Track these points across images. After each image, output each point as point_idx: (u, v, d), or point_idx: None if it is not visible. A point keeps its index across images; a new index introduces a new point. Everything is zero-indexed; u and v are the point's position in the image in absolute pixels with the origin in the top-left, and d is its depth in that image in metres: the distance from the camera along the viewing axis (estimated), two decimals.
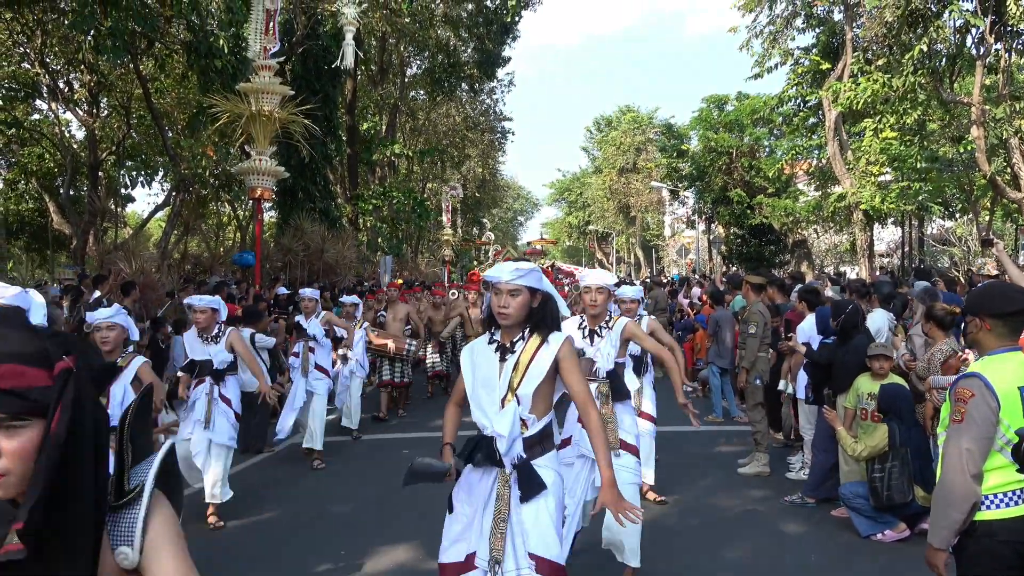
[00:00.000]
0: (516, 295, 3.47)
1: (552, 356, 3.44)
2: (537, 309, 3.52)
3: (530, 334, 3.53)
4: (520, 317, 3.50)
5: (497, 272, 3.51)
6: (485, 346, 3.62)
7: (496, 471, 3.48)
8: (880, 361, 6.83)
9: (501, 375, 3.49)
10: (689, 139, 42.04)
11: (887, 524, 6.39)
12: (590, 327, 5.49)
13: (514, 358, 3.49)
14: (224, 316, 7.49)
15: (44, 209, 28.36)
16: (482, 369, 3.55)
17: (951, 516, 3.16)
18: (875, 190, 23.47)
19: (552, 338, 3.48)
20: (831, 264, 37.16)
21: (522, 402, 3.45)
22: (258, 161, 14.23)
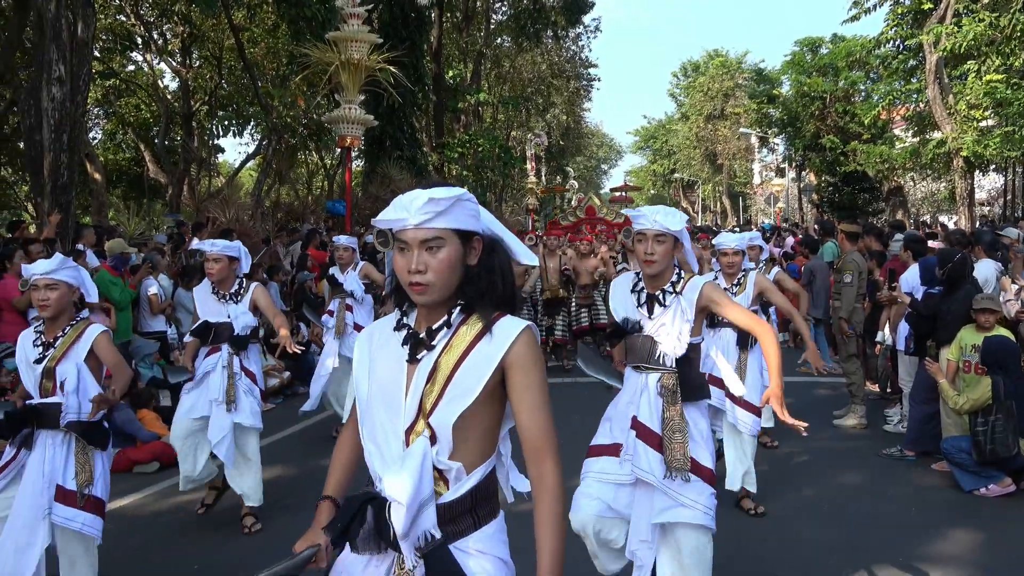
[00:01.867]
0: (436, 247, 2.03)
1: (497, 359, 2.03)
2: (476, 270, 2.09)
3: (461, 316, 2.10)
4: (442, 284, 2.04)
5: (402, 207, 2.04)
6: (390, 332, 2.19)
7: (391, 558, 2.07)
8: (986, 315, 6.60)
9: (409, 387, 2.07)
10: (780, 84, 40.89)
11: (991, 478, 6.24)
12: (648, 291, 3.86)
13: (431, 358, 2.07)
14: (247, 267, 5.94)
15: (140, 159, 29.22)
16: (380, 372, 2.15)
17: None
18: (977, 135, 22.51)
19: (500, 328, 2.07)
20: (928, 213, 35.97)
21: (439, 439, 2.03)
22: (347, 109, 14.35)
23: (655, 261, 3.59)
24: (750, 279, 5.90)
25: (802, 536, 5.47)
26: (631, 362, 3.91)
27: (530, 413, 2.04)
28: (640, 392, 3.81)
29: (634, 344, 3.86)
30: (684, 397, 3.75)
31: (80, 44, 11.83)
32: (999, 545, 5.35)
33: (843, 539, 5.40)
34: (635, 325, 3.83)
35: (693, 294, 3.74)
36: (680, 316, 3.73)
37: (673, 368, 3.75)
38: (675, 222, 3.71)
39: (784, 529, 5.57)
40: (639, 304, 3.84)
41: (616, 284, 4.05)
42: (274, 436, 8.29)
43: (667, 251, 3.64)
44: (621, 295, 3.96)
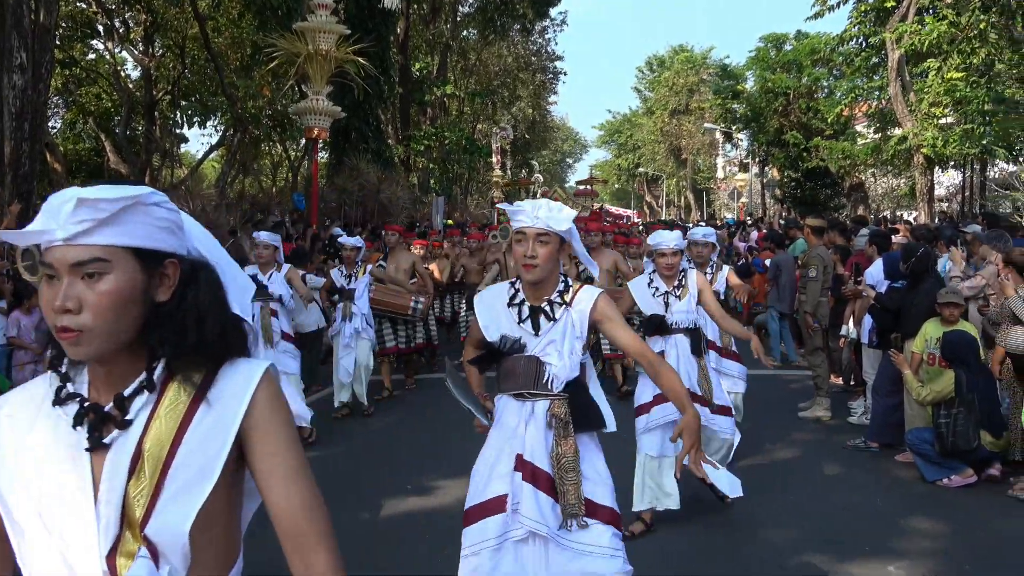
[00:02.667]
0: (97, 274, 1.37)
1: (232, 426, 1.43)
2: (167, 308, 1.43)
3: (165, 372, 1.45)
4: (104, 330, 1.37)
5: (50, 213, 1.38)
6: (39, 408, 1.46)
7: None
8: (950, 308, 6.72)
9: (99, 489, 1.39)
10: (744, 80, 41.20)
11: (953, 469, 6.35)
12: (530, 302, 3.31)
13: (127, 440, 1.40)
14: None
15: (101, 149, 28.79)
16: (36, 476, 1.40)
17: None
18: (937, 133, 22.86)
19: (226, 383, 1.47)
20: (888, 209, 36.45)
21: (165, 555, 1.39)
22: (315, 101, 14.29)
23: (536, 265, 3.09)
24: (690, 280, 5.58)
25: (769, 527, 5.54)
26: (510, 389, 3.27)
27: (284, 486, 1.45)
28: (524, 424, 3.23)
29: (514, 367, 3.25)
30: (578, 427, 3.21)
31: (42, 31, 11.65)
32: (961, 534, 5.45)
33: (810, 529, 5.48)
34: (515, 344, 3.22)
35: (586, 305, 3.20)
36: (571, 331, 3.19)
37: (563, 394, 3.21)
38: (561, 220, 3.15)
39: (751, 520, 5.64)
40: (520, 319, 3.23)
41: (483, 297, 3.42)
42: None
43: (551, 254, 3.15)
44: (492, 309, 3.32)
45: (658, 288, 5.52)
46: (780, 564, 4.94)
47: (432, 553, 5.14)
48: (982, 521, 5.67)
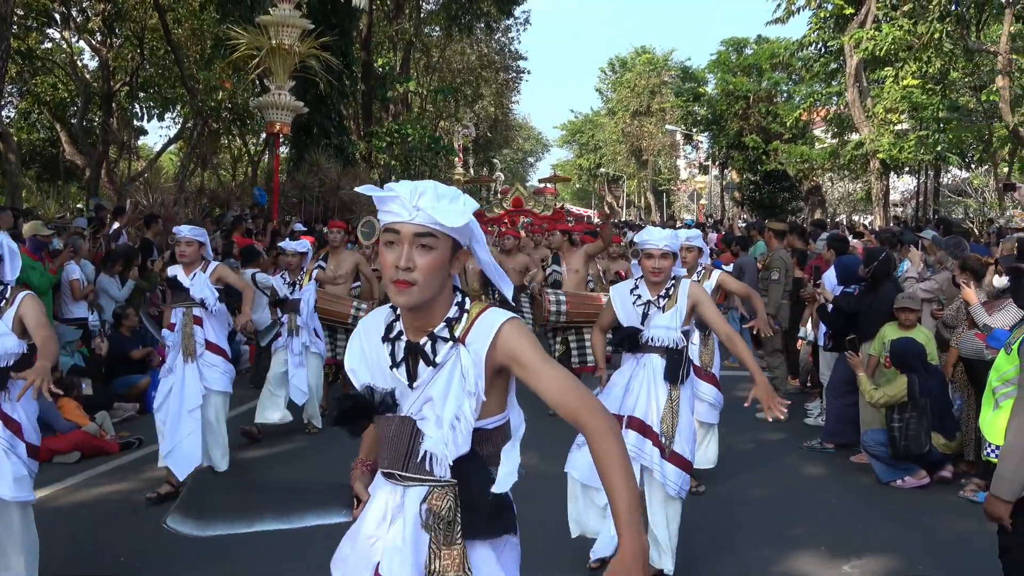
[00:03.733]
0: None
1: None
2: None
3: None
4: None
5: None
6: None
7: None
8: (906, 313, 6.85)
9: None
10: (705, 82, 41.57)
11: (907, 471, 6.48)
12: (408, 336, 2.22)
13: None
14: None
15: (56, 139, 28.27)
16: None
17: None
18: (893, 138, 23.27)
19: None
20: (844, 213, 37.00)
21: None
22: (277, 95, 14.16)
23: (413, 283, 2.07)
24: (682, 290, 4.55)
25: (727, 525, 5.61)
26: (383, 467, 2.27)
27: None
28: (390, 521, 2.23)
29: (385, 432, 2.24)
30: (468, 531, 2.16)
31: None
32: (915, 533, 5.56)
33: (767, 528, 5.56)
34: (386, 399, 2.21)
35: (484, 341, 2.13)
36: (458, 384, 2.12)
37: (450, 480, 2.14)
38: (455, 212, 2.11)
39: (710, 519, 5.70)
40: (394, 362, 2.20)
41: (361, 326, 2.36)
42: None
43: (438, 264, 2.11)
44: (368, 343, 2.29)
45: (640, 296, 4.57)
46: (736, 563, 5.01)
47: None
48: (935, 521, 5.79)
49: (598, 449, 2.01)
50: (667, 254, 4.46)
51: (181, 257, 6.29)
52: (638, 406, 4.43)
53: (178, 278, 6.26)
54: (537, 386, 2.10)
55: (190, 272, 6.25)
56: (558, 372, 2.12)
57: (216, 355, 6.28)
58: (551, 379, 2.10)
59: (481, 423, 2.14)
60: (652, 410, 4.42)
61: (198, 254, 6.29)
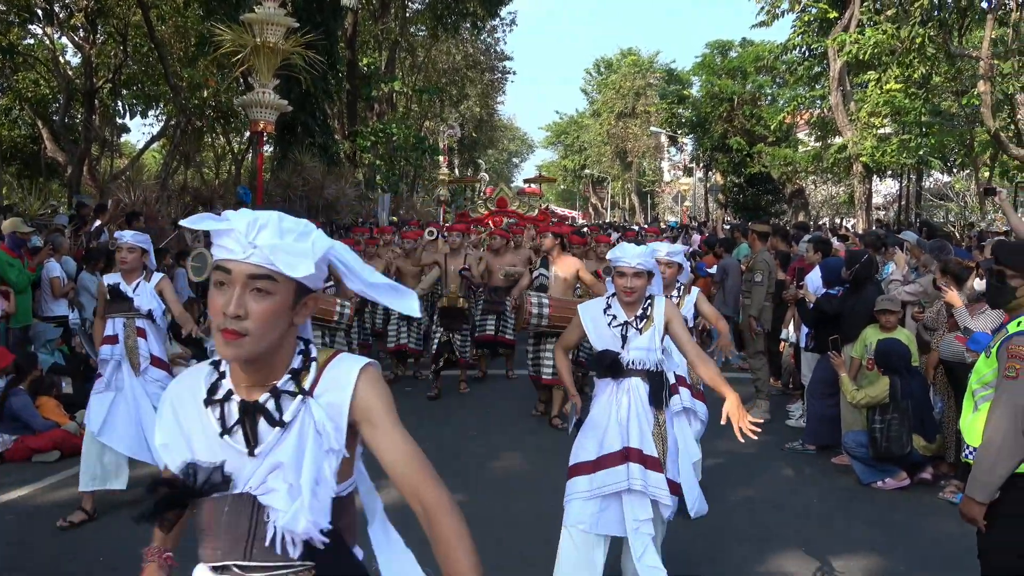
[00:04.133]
0: None
1: None
2: None
3: None
4: None
5: None
6: None
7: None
8: (887, 315, 6.89)
9: None
10: (690, 85, 41.72)
11: (888, 472, 6.51)
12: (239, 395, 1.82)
13: None
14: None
15: (38, 136, 28.04)
16: None
17: (998, 472, 3.13)
18: (876, 142, 23.43)
19: None
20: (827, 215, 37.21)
21: None
22: (261, 93, 14.06)
23: (244, 333, 1.70)
24: (657, 309, 4.19)
25: (707, 527, 5.60)
26: (213, 559, 1.86)
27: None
28: None
29: (213, 518, 1.83)
30: None
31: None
32: (895, 534, 5.59)
33: (748, 529, 5.57)
34: (212, 476, 1.78)
35: (343, 391, 1.81)
36: (316, 439, 1.78)
37: (307, 563, 1.80)
38: (296, 257, 1.74)
39: (689, 520, 5.71)
40: (225, 428, 1.81)
41: (167, 398, 1.92)
42: None
43: (274, 312, 1.73)
44: (180, 416, 1.87)
45: (616, 316, 4.17)
46: (716, 564, 5.01)
47: None
48: (915, 522, 5.82)
49: (443, 528, 1.75)
50: (640, 273, 4.07)
51: (122, 264, 5.82)
52: (631, 435, 4.07)
53: (120, 287, 5.78)
54: (379, 448, 1.79)
55: (132, 281, 5.82)
56: (407, 439, 1.81)
57: (160, 370, 5.86)
58: (399, 444, 1.79)
59: (336, 489, 1.81)
60: (647, 438, 4.07)
61: (140, 262, 5.85)
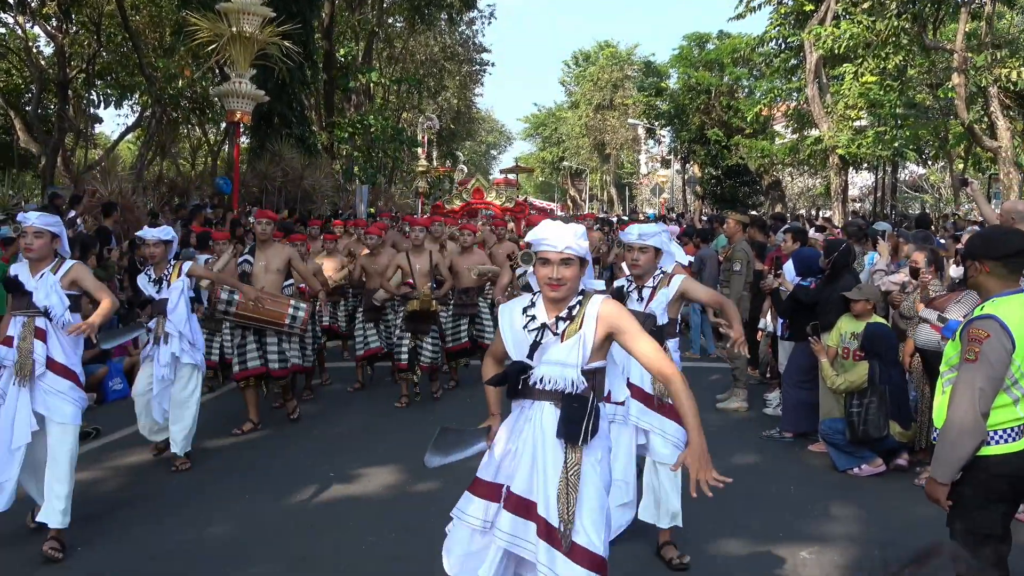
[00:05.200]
0: None
1: None
2: None
3: None
4: None
5: None
6: None
7: None
8: (860, 304, 6.94)
9: None
10: (668, 77, 41.82)
11: (864, 459, 6.57)
12: None
13: None
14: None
15: (10, 126, 27.72)
16: None
17: (958, 453, 3.25)
18: (852, 134, 23.57)
19: None
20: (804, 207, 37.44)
21: None
22: (238, 84, 14.01)
23: None
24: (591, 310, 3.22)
25: (684, 516, 5.62)
26: None
27: None
28: None
29: None
30: None
31: None
32: (871, 520, 5.64)
33: (726, 517, 5.59)
34: None
35: None
36: None
37: None
38: None
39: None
40: None
41: None
42: None
43: None
44: None
45: (534, 316, 3.27)
46: (693, 553, 5.02)
47: (356, 541, 5.14)
48: (891, 508, 5.88)
49: None
50: (570, 260, 3.17)
51: (27, 252, 5.09)
52: (518, 476, 3.20)
53: (19, 278, 5.06)
54: None
55: (38, 271, 5.10)
56: None
57: (62, 378, 5.04)
58: None
59: None
60: (538, 483, 3.14)
61: (49, 248, 5.12)
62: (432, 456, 3.59)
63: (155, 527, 5.35)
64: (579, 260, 3.19)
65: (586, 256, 3.23)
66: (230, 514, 5.62)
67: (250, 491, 6.06)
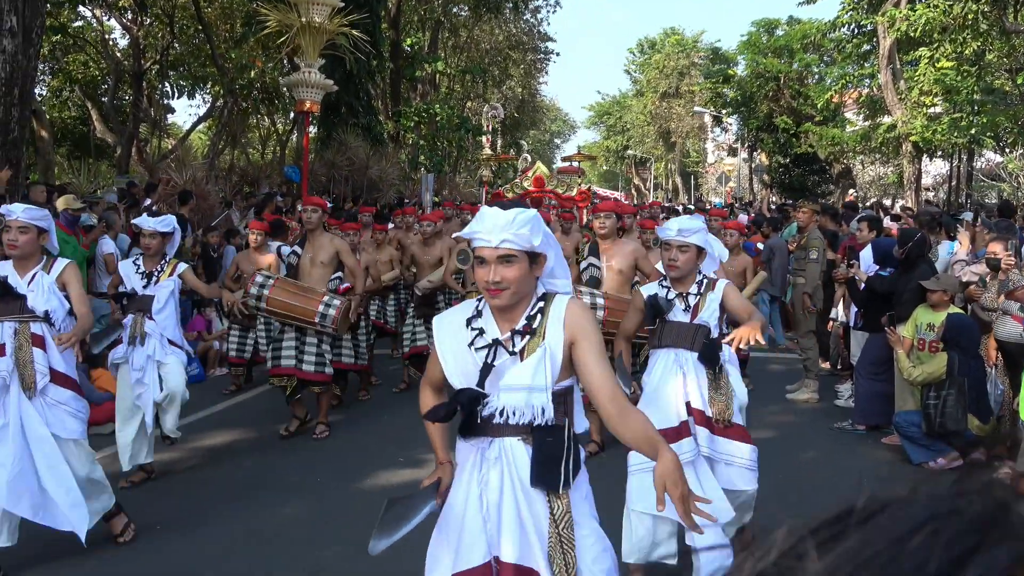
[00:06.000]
0: None
1: None
2: None
3: None
4: None
5: None
6: None
7: None
8: (937, 294, 6.78)
9: None
10: (735, 64, 41.24)
11: (940, 452, 6.43)
12: None
13: None
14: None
15: (87, 117, 28.51)
16: None
17: None
18: (926, 121, 22.99)
19: None
20: (875, 196, 36.65)
21: None
22: (307, 73, 14.16)
23: None
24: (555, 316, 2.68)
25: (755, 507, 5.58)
26: None
27: None
28: None
29: None
30: None
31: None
32: None
33: (795, 510, 5.53)
34: None
35: None
36: None
37: None
38: None
39: None
40: None
41: None
42: None
43: None
44: None
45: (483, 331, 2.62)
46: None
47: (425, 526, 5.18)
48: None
49: None
50: (512, 256, 2.50)
51: (11, 249, 4.59)
52: (504, 542, 2.54)
53: (8, 281, 4.56)
54: None
55: (26, 272, 4.62)
56: None
57: (64, 388, 4.66)
58: None
59: None
60: (509, 541, 2.53)
61: (35, 245, 4.65)
62: (377, 540, 2.75)
63: (230, 509, 5.47)
64: (526, 255, 2.50)
65: (537, 249, 2.53)
66: (302, 497, 5.72)
67: (321, 475, 6.17)
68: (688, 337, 4.09)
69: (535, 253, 2.52)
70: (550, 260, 2.57)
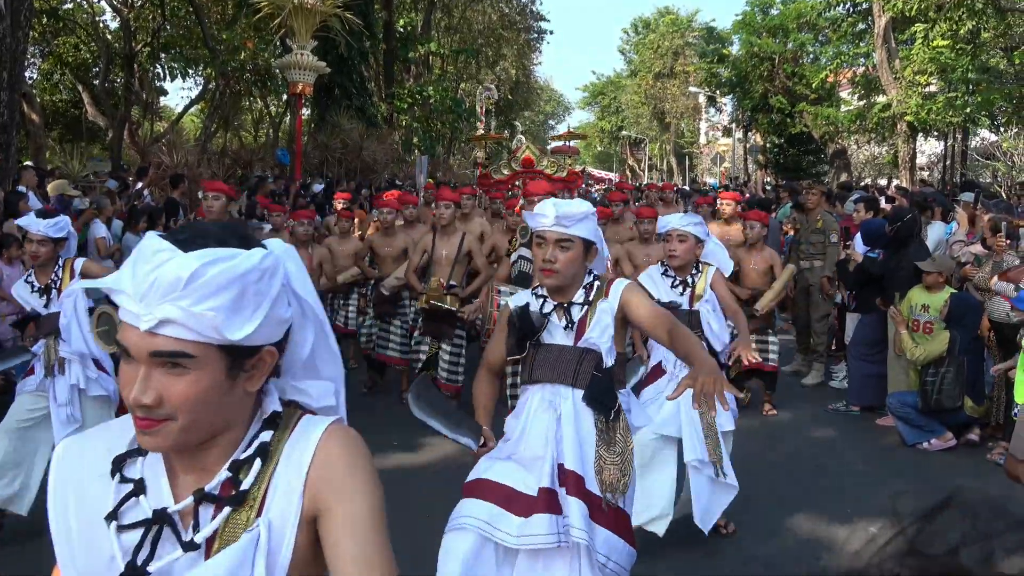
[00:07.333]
0: None
1: None
2: None
3: None
4: None
5: None
6: None
7: None
8: (931, 276, 6.76)
9: None
10: (730, 44, 41.06)
11: (933, 433, 6.44)
12: None
13: None
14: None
15: (79, 100, 28.34)
16: None
17: None
18: (921, 100, 22.92)
19: None
20: (870, 176, 36.60)
21: None
22: (299, 55, 14.10)
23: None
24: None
25: (751, 487, 5.56)
26: None
27: None
28: None
29: None
30: None
31: None
32: (941, 496, 5.53)
33: (791, 490, 5.55)
34: None
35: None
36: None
37: None
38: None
39: None
40: None
41: None
42: None
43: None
44: None
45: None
46: (760, 525, 4.99)
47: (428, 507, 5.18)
48: (962, 483, 5.76)
49: None
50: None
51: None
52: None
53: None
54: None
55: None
56: None
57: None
58: None
59: None
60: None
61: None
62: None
63: None
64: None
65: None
66: None
67: None
68: (568, 367, 2.96)
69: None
70: None
